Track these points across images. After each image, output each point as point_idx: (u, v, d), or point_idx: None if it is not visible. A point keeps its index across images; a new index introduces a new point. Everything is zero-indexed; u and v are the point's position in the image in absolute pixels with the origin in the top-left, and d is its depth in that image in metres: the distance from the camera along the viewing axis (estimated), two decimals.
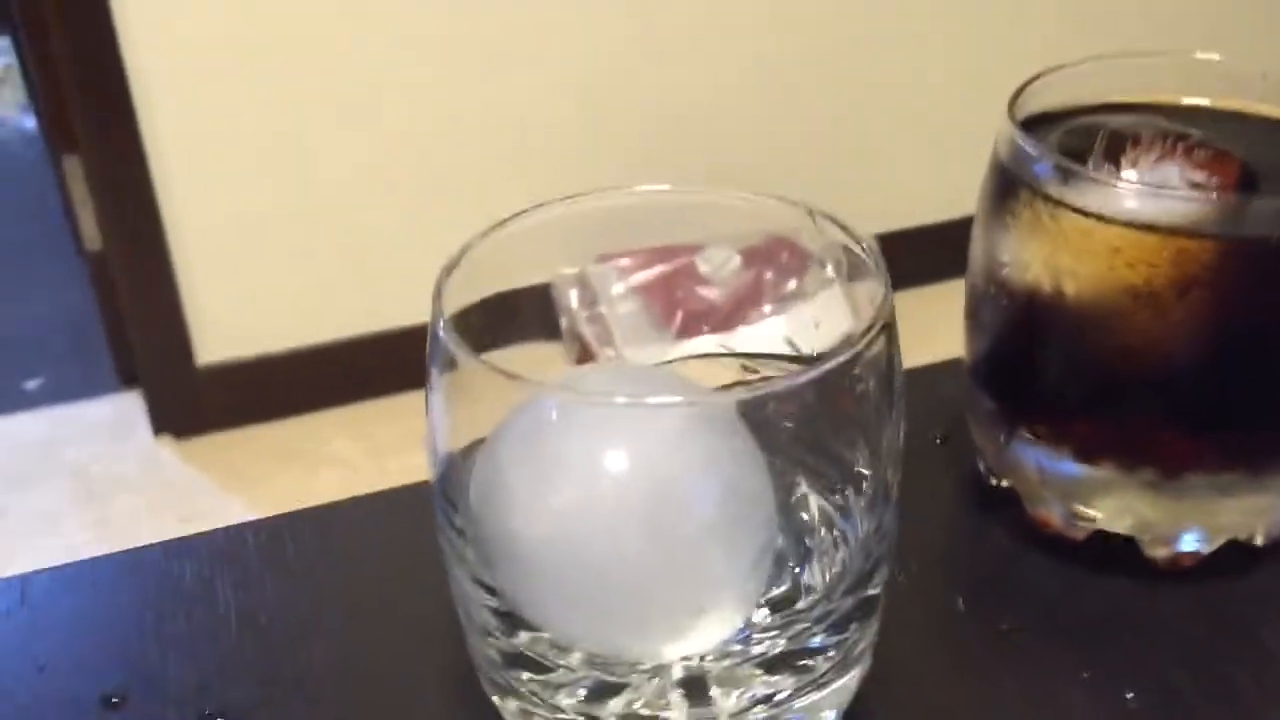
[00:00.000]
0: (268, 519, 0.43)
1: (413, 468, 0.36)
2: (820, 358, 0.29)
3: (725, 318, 1.52)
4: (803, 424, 0.32)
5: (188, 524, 1.62)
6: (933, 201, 1.84)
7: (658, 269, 1.30)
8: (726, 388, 0.37)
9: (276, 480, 1.69)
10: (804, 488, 0.35)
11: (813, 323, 0.37)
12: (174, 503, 1.67)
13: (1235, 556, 0.40)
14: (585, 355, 1.49)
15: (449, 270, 0.32)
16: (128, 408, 1.80)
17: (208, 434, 1.76)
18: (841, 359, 0.29)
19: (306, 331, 1.75)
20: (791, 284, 0.45)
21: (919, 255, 1.72)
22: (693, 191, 0.36)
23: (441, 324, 0.31)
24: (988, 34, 1.83)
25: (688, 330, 1.44)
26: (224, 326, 1.73)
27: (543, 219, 0.35)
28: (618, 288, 1.14)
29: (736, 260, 1.25)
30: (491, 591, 0.32)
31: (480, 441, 0.32)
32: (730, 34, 1.71)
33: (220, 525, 0.43)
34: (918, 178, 1.88)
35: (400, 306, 1.76)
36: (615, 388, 0.32)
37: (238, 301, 1.71)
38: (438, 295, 0.31)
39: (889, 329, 0.30)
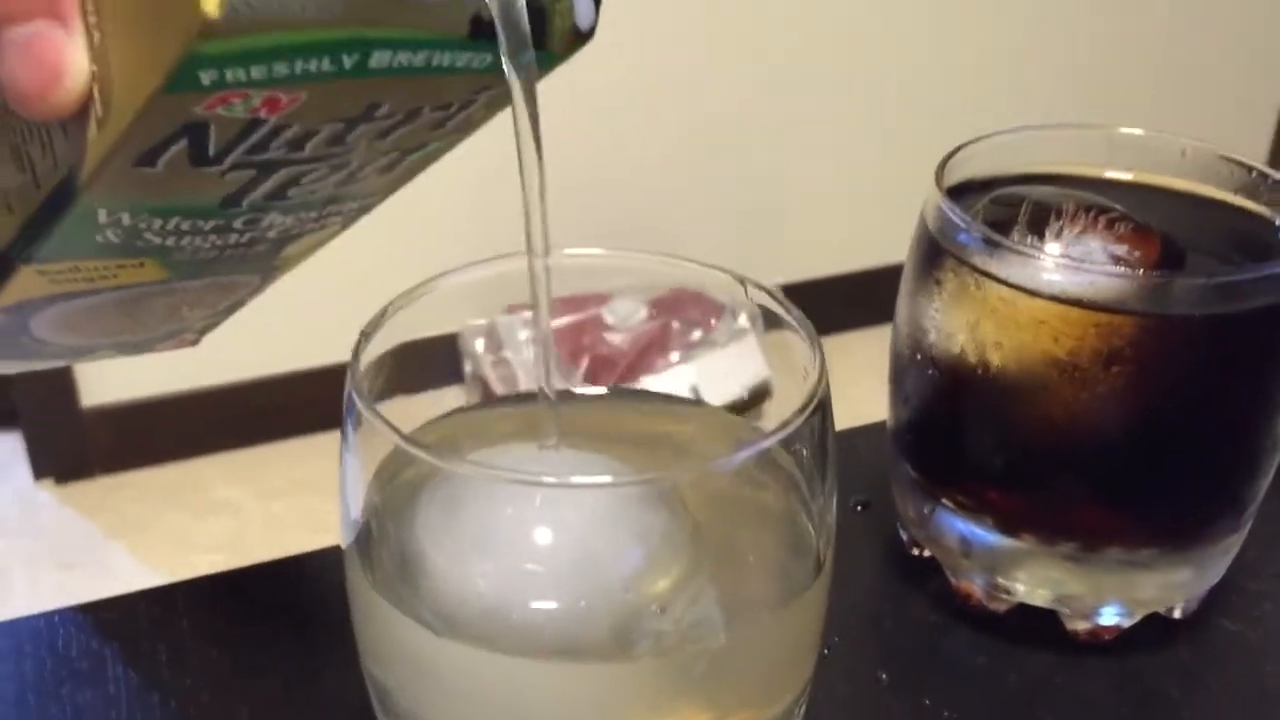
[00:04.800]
0: (160, 588, 0.41)
1: (300, 512, 0.34)
2: (755, 439, 0.28)
3: (631, 365, 1.52)
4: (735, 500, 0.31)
5: (66, 571, 1.56)
6: (852, 251, 1.86)
7: (565, 318, 1.29)
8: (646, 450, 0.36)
9: (160, 525, 1.64)
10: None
11: (722, 372, 0.36)
12: (52, 549, 1.60)
13: (1155, 630, 0.40)
14: (488, 399, 1.47)
15: (366, 336, 0.31)
16: (6, 450, 1.73)
17: (91, 478, 1.70)
18: (776, 438, 0.28)
19: (193, 375, 1.71)
20: (697, 334, 0.44)
21: (837, 303, 1.74)
22: (618, 255, 0.35)
23: (356, 395, 0.29)
24: (917, 98, 1.86)
25: (594, 376, 1.43)
26: (110, 368, 1.67)
27: (460, 280, 0.34)
28: (523, 335, 1.13)
29: (643, 311, 1.24)
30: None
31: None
32: (663, 93, 1.72)
33: (100, 572, 0.41)
34: (837, 228, 1.91)
35: (288, 351, 1.73)
36: (545, 468, 0.31)
37: None
38: (355, 362, 0.30)
39: (824, 406, 0.29)
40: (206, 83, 0.24)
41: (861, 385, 0.42)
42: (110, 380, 1.68)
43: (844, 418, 0.47)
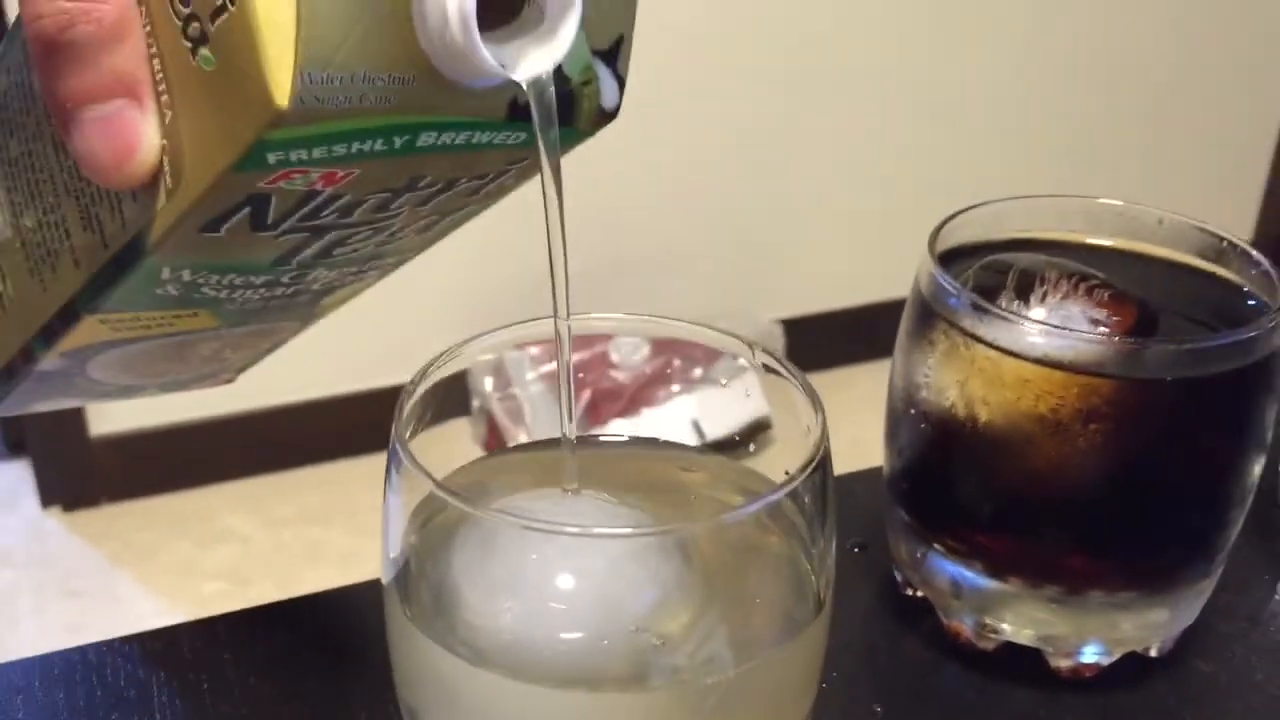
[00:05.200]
0: (202, 621, 0.44)
1: (305, 541, 0.37)
2: (763, 493, 0.31)
3: (632, 398, 1.55)
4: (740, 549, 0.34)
5: (74, 599, 1.58)
6: (854, 287, 1.89)
7: (571, 355, 1.32)
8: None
9: (167, 554, 1.66)
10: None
11: (722, 407, 0.39)
12: (59, 577, 1.62)
13: (1133, 667, 0.43)
14: (492, 432, 1.50)
15: (409, 394, 0.33)
16: (15, 478, 1.75)
17: (98, 506, 1.72)
18: (782, 492, 0.31)
19: (200, 405, 1.73)
20: (698, 371, 0.47)
21: (839, 337, 1.77)
22: (633, 320, 0.38)
23: (400, 448, 0.32)
24: (920, 146, 1.90)
25: (596, 409, 1.46)
26: None
27: (490, 341, 0.37)
28: (530, 374, 1.16)
29: (646, 349, 1.28)
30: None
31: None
32: (677, 130, 1.75)
33: (107, 600, 0.43)
34: (839, 264, 1.94)
35: (297, 381, 1.75)
36: (571, 517, 0.34)
37: None
38: (399, 414, 0.33)
39: (825, 463, 0.32)
40: (272, 162, 0.27)
41: (862, 417, 0.45)
42: (118, 409, 1.70)
43: (845, 449, 0.50)
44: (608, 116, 0.31)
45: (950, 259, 0.43)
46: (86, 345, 0.36)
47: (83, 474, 1.71)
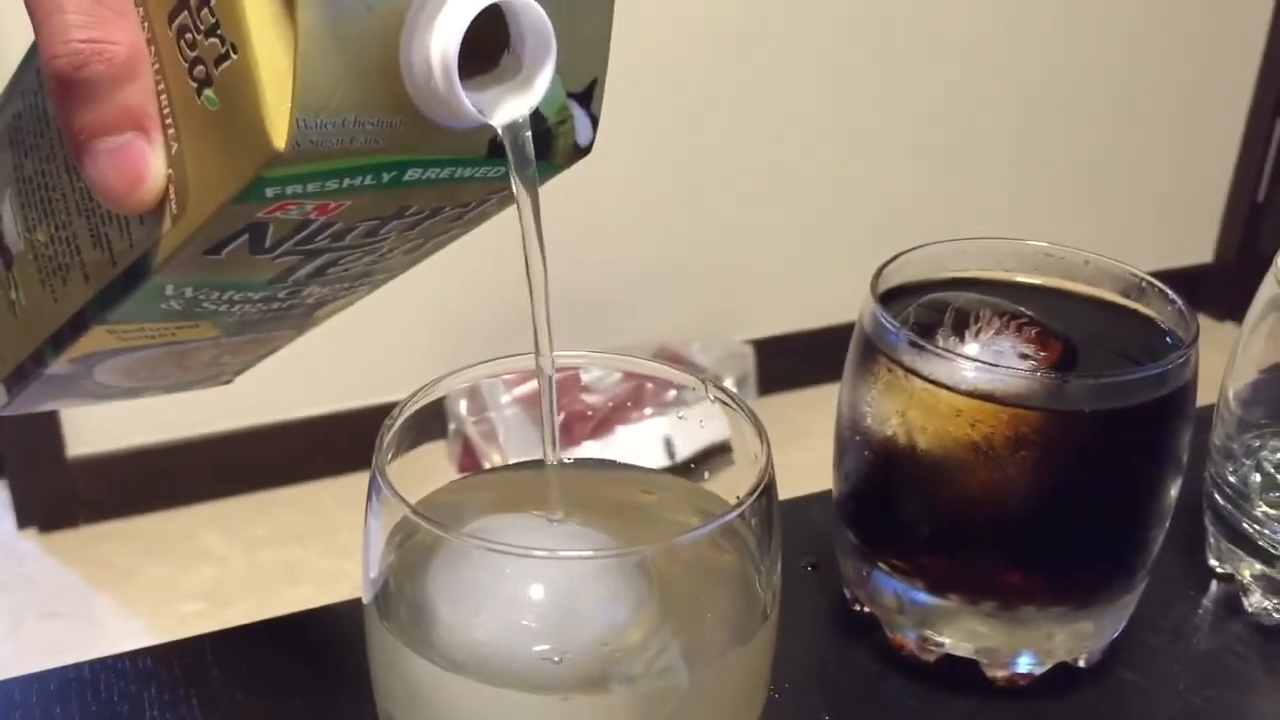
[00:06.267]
0: (191, 639, 0.46)
1: (283, 562, 0.39)
2: (714, 515, 0.34)
3: (605, 419, 1.58)
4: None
5: (51, 620, 1.59)
6: (819, 310, 1.93)
7: None
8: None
9: (144, 575, 1.67)
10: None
11: (693, 425, 0.42)
12: (36, 599, 1.63)
13: (1062, 677, 0.46)
14: (467, 453, 1.52)
15: (388, 428, 0.36)
16: None
17: (75, 527, 1.74)
18: (731, 515, 0.34)
19: (177, 426, 1.74)
20: (671, 394, 0.50)
21: (804, 359, 1.80)
22: (601, 358, 0.41)
23: (379, 476, 0.35)
24: (877, 182, 1.95)
25: (570, 430, 1.48)
26: (96, 418, 1.71)
27: (468, 375, 0.40)
28: (505, 398, 1.19)
29: (618, 373, 1.30)
30: None
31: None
32: (648, 154, 1.79)
33: (84, 622, 0.46)
34: (801, 289, 1.98)
35: (274, 402, 1.77)
36: (533, 539, 0.36)
37: None
38: (379, 446, 0.36)
39: (770, 488, 0.35)
40: (270, 195, 0.29)
41: (825, 437, 0.48)
42: (95, 430, 1.72)
43: (816, 466, 0.53)
44: (582, 152, 0.34)
45: (894, 296, 0.46)
46: (94, 352, 0.38)
47: (60, 495, 1.72)
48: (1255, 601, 0.49)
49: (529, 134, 0.32)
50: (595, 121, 0.34)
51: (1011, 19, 1.94)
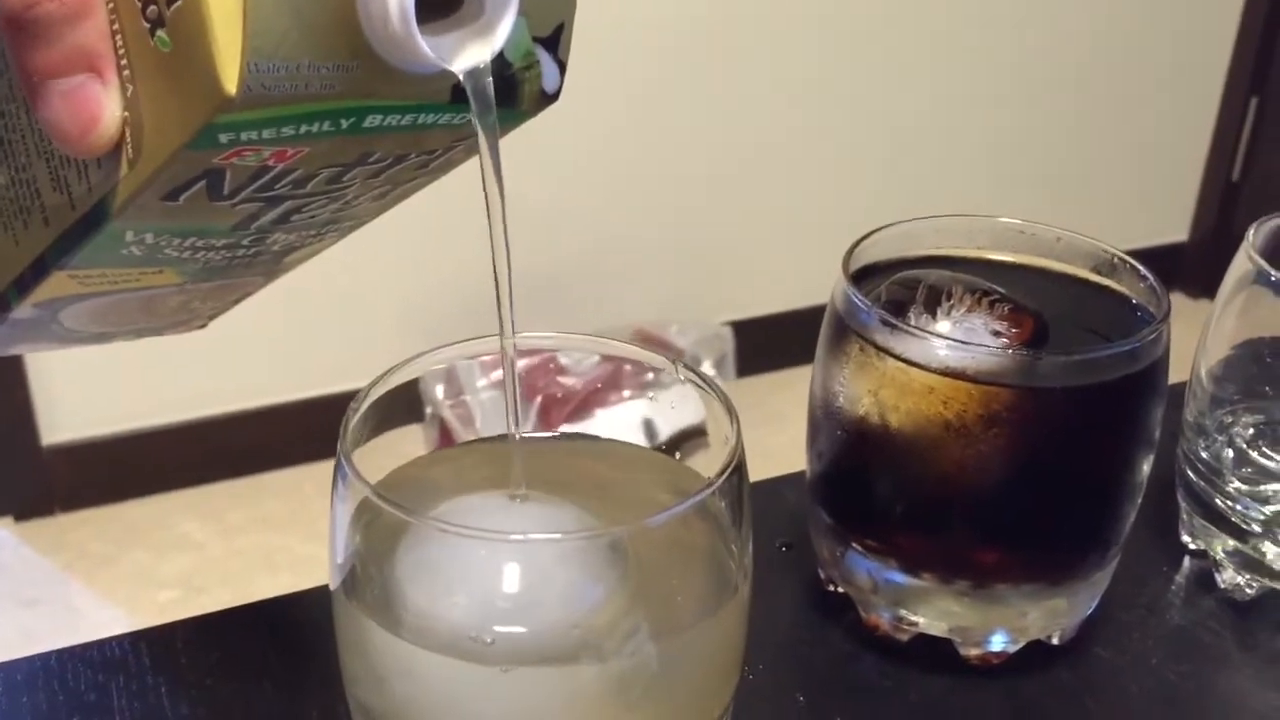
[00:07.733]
0: (160, 627, 0.46)
1: (261, 549, 0.39)
2: (686, 495, 0.34)
3: (584, 400, 1.57)
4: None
5: (28, 609, 1.58)
6: (798, 291, 1.93)
7: (522, 362, 1.34)
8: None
9: (122, 562, 1.66)
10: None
11: (672, 405, 0.42)
12: (12, 588, 1.62)
13: (1037, 655, 0.46)
14: (444, 437, 1.52)
15: (354, 412, 0.36)
16: None
17: (51, 515, 1.73)
18: (702, 496, 0.34)
19: (153, 413, 1.73)
20: (650, 375, 0.50)
21: (783, 340, 1.80)
22: (572, 338, 0.41)
23: (345, 461, 0.34)
24: (854, 165, 1.95)
25: (547, 412, 1.48)
26: (71, 406, 1.70)
27: (435, 357, 0.40)
28: (481, 380, 1.18)
29: (596, 355, 1.30)
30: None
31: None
32: (630, 138, 1.78)
33: (62, 610, 0.45)
34: (782, 269, 1.98)
35: (251, 388, 1.76)
36: (508, 522, 0.36)
37: (86, 381, 1.69)
38: (344, 431, 0.35)
39: (740, 468, 0.35)
40: (224, 142, 0.28)
41: (803, 419, 0.47)
42: (70, 418, 1.71)
43: (787, 448, 0.53)
44: (549, 99, 0.34)
45: (866, 275, 0.46)
46: (58, 297, 0.37)
47: (35, 484, 1.71)
48: (1228, 577, 0.49)
49: (490, 80, 0.31)
50: (563, 68, 0.33)
51: None
